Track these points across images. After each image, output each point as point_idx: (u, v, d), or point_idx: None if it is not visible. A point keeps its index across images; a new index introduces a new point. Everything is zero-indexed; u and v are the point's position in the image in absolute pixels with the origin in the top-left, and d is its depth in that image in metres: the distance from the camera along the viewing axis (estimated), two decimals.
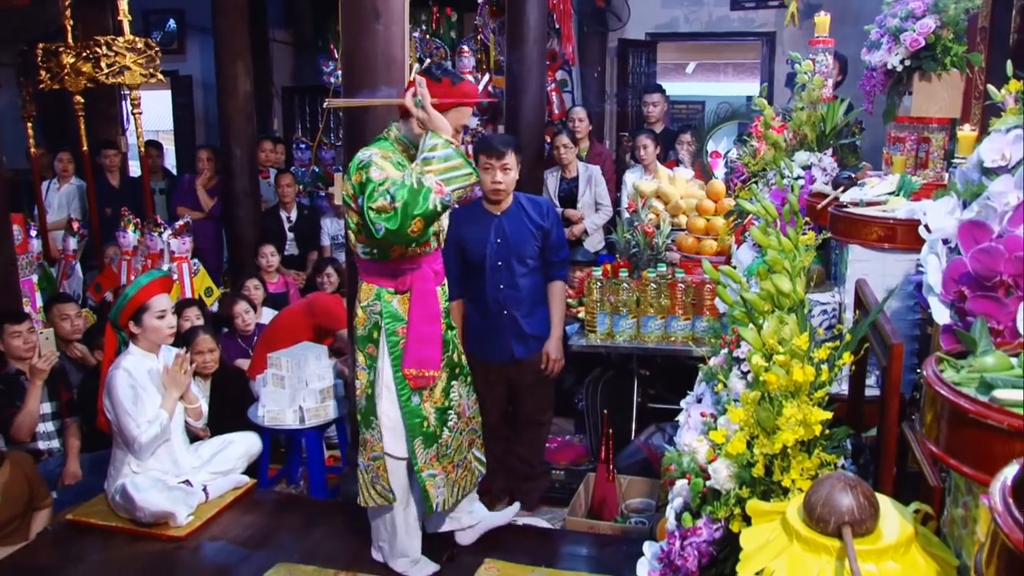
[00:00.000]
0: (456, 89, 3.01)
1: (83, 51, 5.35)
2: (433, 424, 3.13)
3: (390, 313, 3.05)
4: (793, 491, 1.51)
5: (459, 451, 3.26)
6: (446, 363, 3.19)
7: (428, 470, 3.14)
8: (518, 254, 3.89)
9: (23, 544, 3.63)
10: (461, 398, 3.28)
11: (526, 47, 5.87)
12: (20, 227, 5.26)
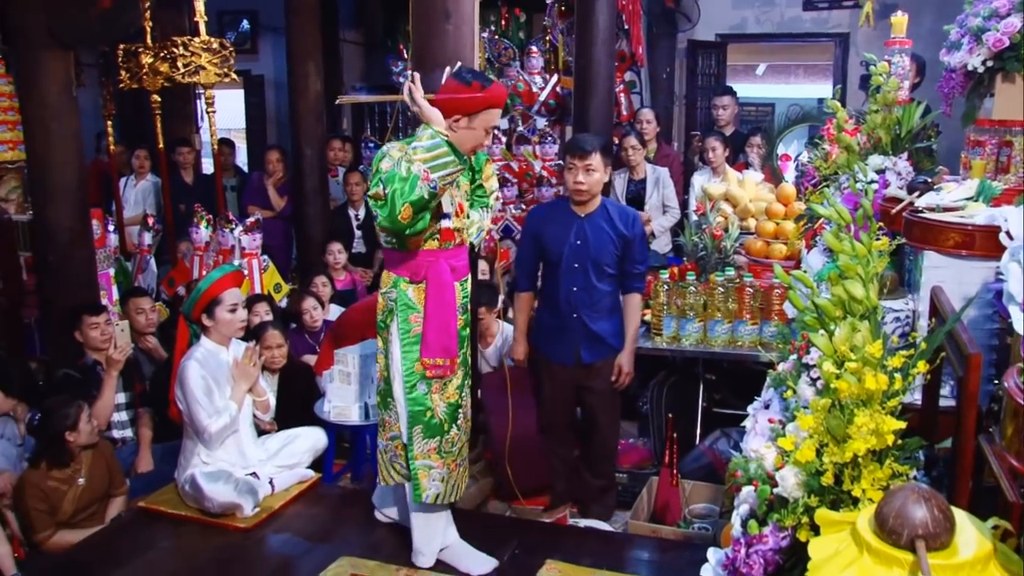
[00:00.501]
0: (486, 92, 3.04)
1: (161, 51, 5.49)
2: (440, 417, 3.16)
3: (404, 302, 3.11)
4: (863, 501, 1.48)
5: (461, 451, 3.27)
6: (461, 361, 3.21)
7: (423, 460, 3.16)
8: (595, 259, 3.90)
9: (98, 528, 3.77)
10: (467, 398, 3.31)
11: (595, 48, 5.86)
12: (99, 222, 5.43)
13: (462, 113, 3.03)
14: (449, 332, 3.12)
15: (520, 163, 7.24)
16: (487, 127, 3.08)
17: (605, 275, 3.93)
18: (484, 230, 3.43)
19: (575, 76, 6.14)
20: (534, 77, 7.38)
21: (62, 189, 4.79)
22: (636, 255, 3.95)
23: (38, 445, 3.75)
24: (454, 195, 3.16)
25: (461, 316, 3.20)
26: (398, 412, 3.17)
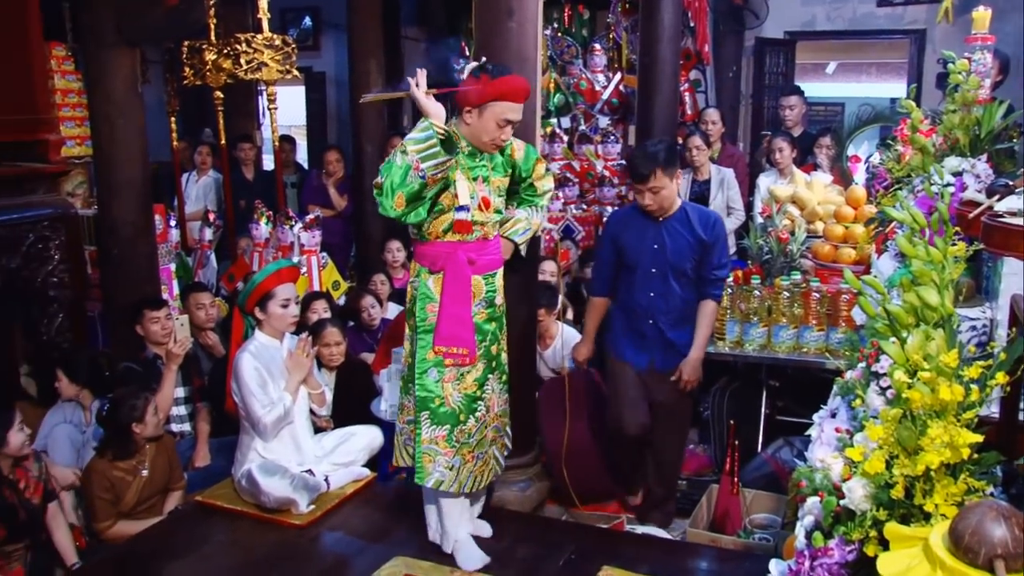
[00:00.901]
0: (492, 84, 3.11)
1: (224, 48, 5.60)
2: (453, 406, 3.24)
3: (423, 292, 3.25)
4: (936, 517, 1.44)
5: (481, 444, 3.33)
6: (483, 354, 3.28)
7: (430, 445, 3.24)
8: (673, 265, 3.88)
9: (156, 520, 3.86)
10: (494, 393, 3.36)
11: (659, 46, 5.81)
12: (161, 217, 5.56)
13: (470, 105, 3.16)
14: (463, 323, 3.21)
15: (582, 162, 7.23)
16: (498, 120, 3.14)
17: (684, 281, 3.91)
18: (532, 229, 3.50)
19: (639, 74, 6.10)
20: (597, 75, 7.36)
21: (126, 184, 4.92)
22: (714, 260, 3.90)
23: (105, 435, 3.86)
24: (479, 188, 3.23)
25: (484, 310, 3.28)
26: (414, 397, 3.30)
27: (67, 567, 3.62)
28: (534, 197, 3.50)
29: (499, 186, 3.33)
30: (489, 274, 3.31)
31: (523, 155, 3.40)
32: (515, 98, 3.16)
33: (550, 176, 3.55)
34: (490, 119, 3.14)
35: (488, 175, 3.29)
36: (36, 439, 4.11)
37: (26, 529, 3.51)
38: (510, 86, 3.15)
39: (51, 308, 4.87)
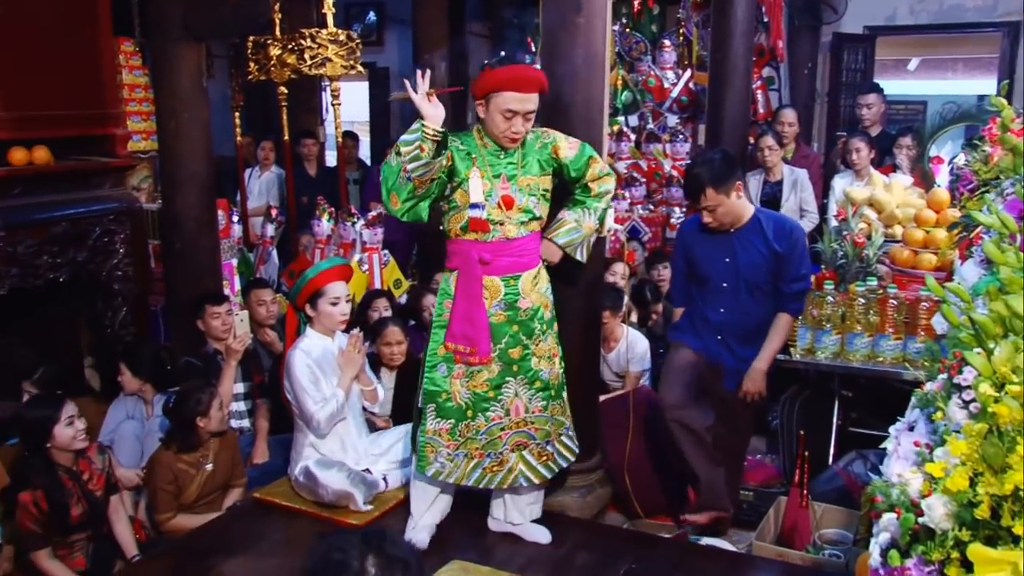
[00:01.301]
0: (491, 74, 3.17)
1: (289, 43, 5.69)
2: (460, 402, 3.33)
3: (443, 288, 3.38)
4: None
5: (492, 444, 3.37)
6: (499, 356, 3.31)
7: (433, 436, 3.36)
8: (746, 279, 3.69)
9: (214, 515, 3.94)
10: (516, 398, 3.36)
11: (732, 42, 5.75)
12: (224, 212, 5.68)
13: (477, 99, 3.22)
14: (473, 323, 3.25)
15: (649, 162, 7.18)
16: (502, 111, 3.15)
17: (759, 296, 3.71)
18: (583, 233, 3.42)
19: (710, 71, 6.04)
20: (666, 72, 7.31)
21: (190, 179, 5.03)
22: (791, 272, 3.66)
23: (170, 427, 3.96)
24: (500, 186, 3.24)
25: (503, 312, 3.30)
26: None
27: (127, 559, 3.72)
28: (587, 199, 3.42)
29: (530, 185, 3.29)
30: (510, 276, 3.31)
31: (574, 153, 3.35)
32: (516, 87, 3.14)
33: (609, 178, 3.47)
34: (495, 111, 3.17)
35: (515, 173, 3.27)
36: (100, 433, 4.23)
37: (88, 520, 3.62)
38: (508, 75, 3.16)
39: (115, 301, 5.02)
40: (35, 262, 4.55)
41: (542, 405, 3.42)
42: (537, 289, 3.37)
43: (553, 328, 3.46)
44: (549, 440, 3.46)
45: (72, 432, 3.54)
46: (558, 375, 3.48)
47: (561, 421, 3.50)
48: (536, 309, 3.36)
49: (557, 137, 3.36)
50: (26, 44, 4.50)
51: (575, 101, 3.69)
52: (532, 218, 3.32)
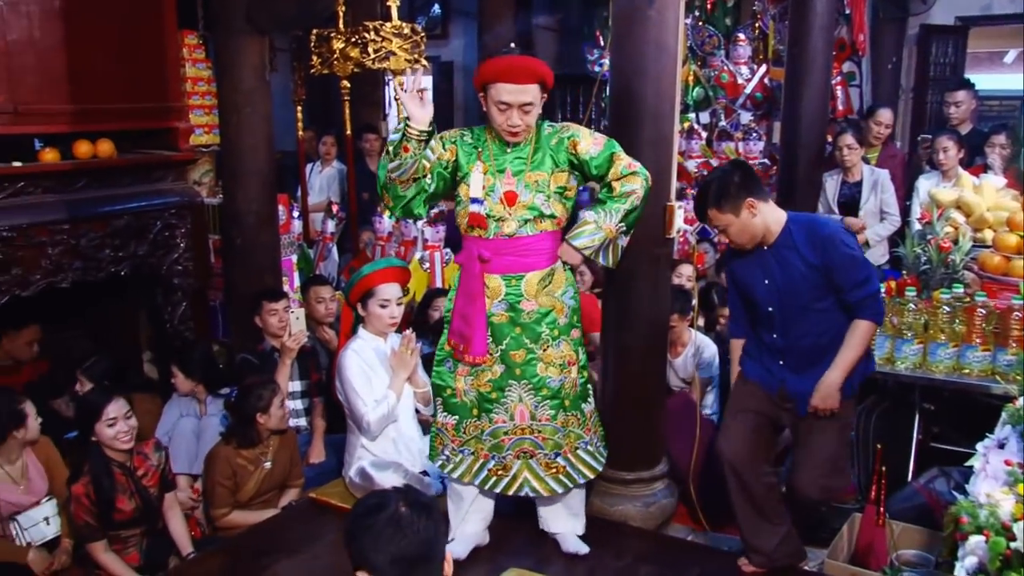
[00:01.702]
0: (482, 66, 3.21)
1: (352, 37, 5.74)
2: (464, 400, 3.37)
3: (452, 284, 3.47)
4: None
5: (497, 447, 3.37)
6: (501, 358, 3.29)
7: (441, 428, 3.45)
8: (790, 300, 3.30)
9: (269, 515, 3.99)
10: (521, 403, 3.32)
11: (811, 36, 5.65)
12: (284, 207, 5.75)
13: (478, 92, 3.23)
14: (469, 320, 3.26)
15: (721, 160, 7.09)
16: (497, 104, 3.13)
17: (813, 316, 3.30)
18: (603, 235, 3.26)
19: (787, 66, 5.94)
20: (740, 67, 7.22)
21: (252, 173, 5.11)
22: (846, 281, 3.22)
23: (231, 422, 4.04)
24: (504, 182, 3.21)
25: (505, 312, 3.27)
26: None
27: (182, 556, 3.78)
28: (608, 199, 3.27)
29: (539, 181, 3.22)
30: (512, 275, 3.26)
31: (597, 150, 3.24)
32: (509, 78, 3.10)
33: (634, 177, 3.25)
34: (491, 104, 3.15)
35: (523, 168, 3.22)
36: (157, 430, 4.32)
37: (141, 516, 3.70)
38: (501, 65, 3.14)
39: (175, 296, 5.11)
40: (97, 255, 4.65)
41: (550, 414, 3.34)
42: (547, 292, 3.28)
43: (570, 335, 3.35)
44: (559, 452, 3.38)
45: (112, 432, 3.59)
46: (575, 384, 3.37)
47: (578, 434, 3.40)
48: (544, 313, 3.28)
49: (578, 132, 3.28)
50: (92, 37, 4.60)
51: (645, 96, 3.66)
52: (539, 216, 3.23)
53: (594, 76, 7.71)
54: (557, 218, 3.28)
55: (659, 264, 3.84)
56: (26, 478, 3.82)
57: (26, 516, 3.77)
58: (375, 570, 1.87)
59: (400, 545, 1.86)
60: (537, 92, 3.16)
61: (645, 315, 3.84)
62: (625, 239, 3.40)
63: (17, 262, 4.31)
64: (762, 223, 3.28)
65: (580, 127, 3.34)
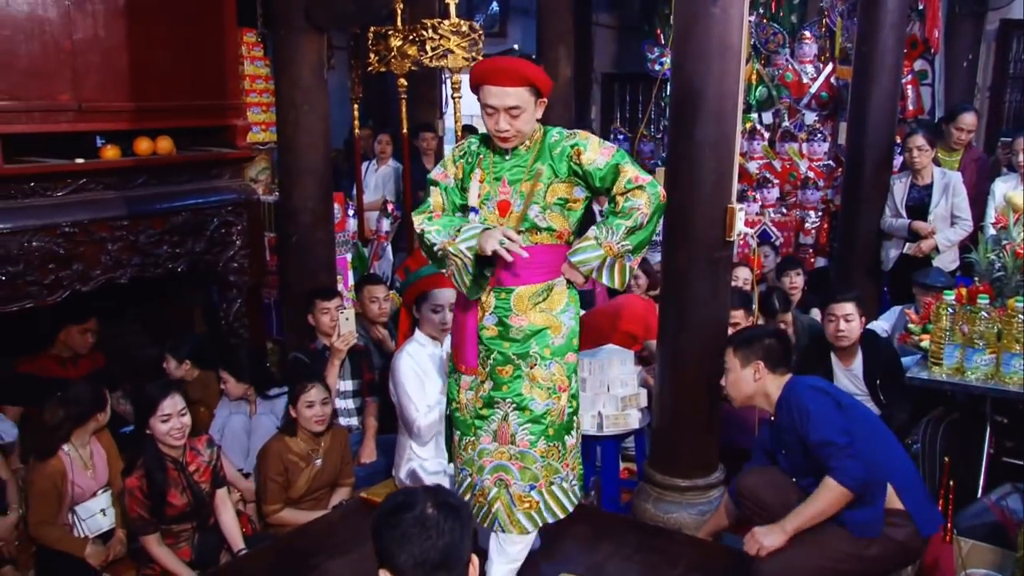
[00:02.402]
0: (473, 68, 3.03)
1: (410, 34, 5.79)
2: (464, 414, 3.21)
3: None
4: None
5: (480, 469, 3.15)
6: (489, 372, 3.11)
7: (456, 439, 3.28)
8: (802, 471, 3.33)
9: (320, 514, 4.05)
10: (505, 422, 3.09)
11: (881, 33, 5.57)
12: (339, 206, 5.81)
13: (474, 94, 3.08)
14: (461, 330, 3.18)
15: (784, 162, 7.04)
16: (483, 106, 2.97)
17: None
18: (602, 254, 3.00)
19: (854, 65, 5.87)
20: (805, 66, 7.15)
21: (308, 171, 5.18)
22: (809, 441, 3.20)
23: (284, 417, 4.14)
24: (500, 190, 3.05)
25: (494, 326, 3.09)
26: None
27: (234, 552, 3.86)
28: (612, 213, 3.02)
29: (536, 192, 3.01)
30: (501, 288, 3.07)
31: (603, 160, 2.99)
32: (490, 80, 2.93)
33: (639, 192, 2.97)
34: (481, 108, 2.99)
35: (520, 177, 3.04)
36: (210, 428, 4.41)
37: (192, 512, 3.78)
38: (485, 67, 2.97)
39: (230, 293, 5.21)
40: (155, 252, 4.75)
41: (531, 439, 3.09)
42: (540, 309, 3.08)
43: (564, 358, 3.12)
44: (535, 485, 3.12)
45: (166, 428, 3.68)
46: (562, 413, 3.13)
47: (555, 468, 3.13)
48: (536, 331, 3.07)
49: (585, 141, 3.03)
50: (154, 36, 4.71)
51: (707, 96, 3.65)
52: (533, 228, 3.03)
53: (654, 75, 7.68)
54: (556, 231, 3.06)
55: (718, 267, 3.82)
56: (93, 463, 4.00)
57: (84, 507, 3.93)
58: (397, 570, 1.88)
59: (424, 546, 1.86)
60: (525, 95, 2.94)
61: (703, 319, 3.82)
62: (634, 259, 3.07)
63: (78, 257, 4.42)
64: (752, 388, 3.42)
65: (589, 135, 3.09)
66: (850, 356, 4.55)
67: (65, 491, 3.87)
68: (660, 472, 4.00)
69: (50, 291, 4.34)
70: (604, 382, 4.24)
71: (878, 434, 3.38)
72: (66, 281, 4.39)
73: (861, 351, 4.55)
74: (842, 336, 4.44)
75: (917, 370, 4.15)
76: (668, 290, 3.94)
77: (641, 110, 8.77)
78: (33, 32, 4.23)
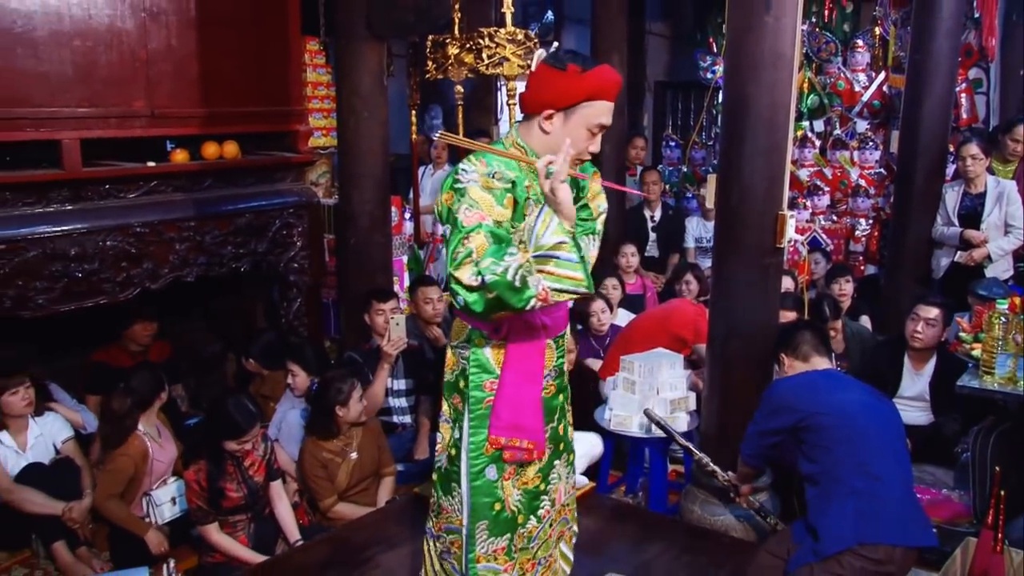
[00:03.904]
0: (585, 77, 2.39)
1: (467, 42, 5.81)
2: (513, 509, 2.59)
3: (477, 362, 2.54)
4: None
5: (545, 546, 2.71)
6: (550, 436, 2.63)
7: (488, 563, 2.59)
8: None
9: (372, 509, 4.10)
10: (561, 481, 2.72)
11: (935, 42, 5.47)
12: (397, 209, 5.87)
13: (555, 108, 2.44)
14: (530, 407, 2.55)
15: (835, 170, 6.94)
16: (591, 126, 2.45)
17: None
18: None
19: (908, 73, 5.77)
20: (857, 75, 7.05)
21: (367, 175, 5.24)
22: None
23: (311, 414, 4.19)
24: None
25: (553, 382, 2.63)
26: (461, 500, 2.61)
27: (289, 543, 3.91)
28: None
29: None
30: (559, 336, 2.65)
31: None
32: (611, 96, 2.46)
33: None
34: (581, 125, 2.44)
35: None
36: (270, 425, 4.48)
37: (247, 504, 3.85)
38: (607, 80, 2.43)
39: (291, 293, 5.28)
40: (220, 252, 4.84)
41: (572, 482, 2.88)
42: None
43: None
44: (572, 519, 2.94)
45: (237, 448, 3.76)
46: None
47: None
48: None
49: None
50: (223, 45, 4.79)
51: (759, 105, 3.61)
52: None
53: (706, 83, 7.63)
54: None
55: (768, 273, 3.78)
56: (162, 438, 4.23)
57: (158, 493, 4.09)
58: None
59: None
60: None
61: (753, 324, 3.79)
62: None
63: (148, 256, 4.52)
64: None
65: None
66: (923, 360, 4.52)
67: (146, 470, 4.09)
68: (708, 475, 3.97)
69: (122, 288, 4.45)
70: (653, 385, 4.22)
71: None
72: (137, 279, 4.50)
73: (936, 359, 4.51)
74: (918, 337, 4.44)
75: (968, 379, 4.06)
76: (718, 295, 3.91)
77: (693, 118, 8.72)
78: (111, 43, 4.34)
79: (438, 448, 2.70)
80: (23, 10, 4.04)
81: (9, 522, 4.02)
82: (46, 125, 4.17)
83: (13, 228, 4.08)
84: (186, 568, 3.83)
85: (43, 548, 4.01)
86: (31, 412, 4.19)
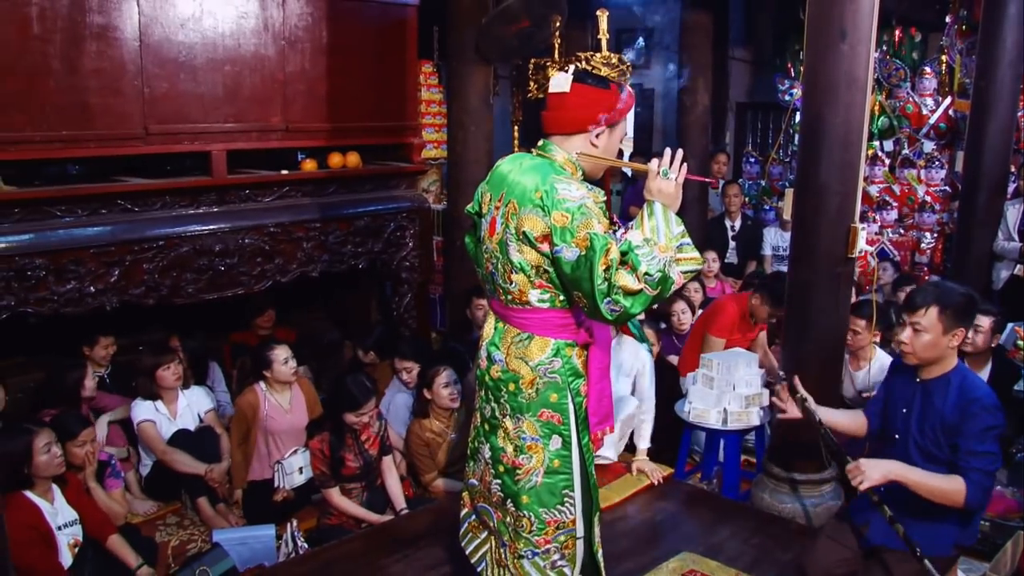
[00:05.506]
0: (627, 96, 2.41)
1: (566, 66, 5.79)
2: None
3: (572, 370, 2.39)
4: None
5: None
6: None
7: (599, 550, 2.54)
8: (916, 438, 2.86)
9: None
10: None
11: (998, 69, 5.24)
12: None
13: (605, 124, 2.40)
14: (608, 398, 2.50)
15: (902, 187, 6.74)
16: (622, 137, 2.48)
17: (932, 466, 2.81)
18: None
19: (973, 98, 5.54)
20: (925, 99, 6.81)
21: (473, 183, 5.21)
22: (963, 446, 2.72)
23: (415, 402, 4.31)
24: None
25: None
26: (575, 502, 2.44)
27: (396, 511, 3.97)
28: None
29: None
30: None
31: None
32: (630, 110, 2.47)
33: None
34: (617, 137, 2.45)
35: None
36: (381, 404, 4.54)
37: (362, 473, 3.93)
38: (632, 97, 2.45)
39: (402, 288, 5.34)
40: (341, 250, 4.92)
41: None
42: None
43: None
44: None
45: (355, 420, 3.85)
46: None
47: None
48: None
49: None
50: (349, 67, 4.87)
51: (834, 124, 3.52)
52: None
53: (785, 105, 7.46)
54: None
55: (840, 281, 3.68)
56: (292, 405, 4.35)
57: (288, 462, 4.19)
58: None
59: None
60: None
61: (824, 328, 3.70)
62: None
63: (279, 253, 4.63)
64: (946, 353, 2.86)
65: None
66: (980, 364, 4.33)
67: (256, 420, 4.22)
68: (777, 466, 3.89)
69: (257, 280, 4.57)
70: (730, 381, 4.15)
71: None
72: (269, 273, 4.61)
73: (992, 362, 4.33)
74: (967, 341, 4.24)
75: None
76: (792, 301, 3.82)
77: (771, 136, 8.53)
78: (255, 67, 4.46)
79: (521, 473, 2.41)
80: (187, 42, 4.19)
81: (163, 479, 4.19)
82: (200, 139, 4.31)
83: (170, 227, 4.22)
84: (307, 527, 3.91)
85: (190, 502, 4.16)
86: (180, 385, 4.34)
